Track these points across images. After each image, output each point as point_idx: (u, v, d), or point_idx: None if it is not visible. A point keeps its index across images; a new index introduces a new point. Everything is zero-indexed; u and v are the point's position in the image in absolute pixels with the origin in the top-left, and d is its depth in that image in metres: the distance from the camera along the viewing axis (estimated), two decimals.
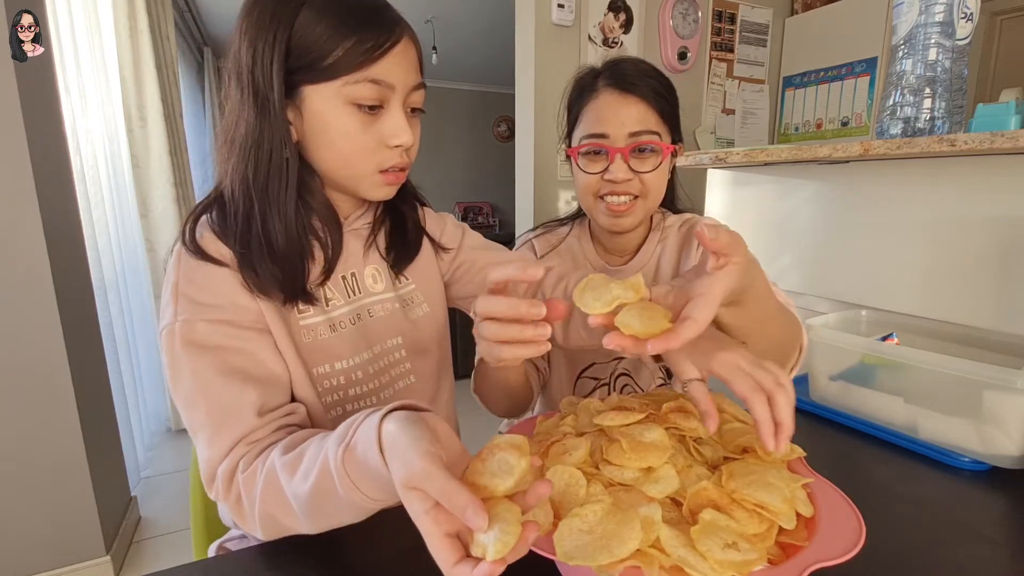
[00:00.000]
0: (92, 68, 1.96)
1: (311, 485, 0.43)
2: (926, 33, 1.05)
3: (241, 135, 0.55)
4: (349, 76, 0.53)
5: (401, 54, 0.55)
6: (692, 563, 0.34)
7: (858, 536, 0.38)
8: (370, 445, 0.39)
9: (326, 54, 0.52)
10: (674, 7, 2.20)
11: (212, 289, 0.54)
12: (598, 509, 0.38)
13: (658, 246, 0.86)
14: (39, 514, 1.41)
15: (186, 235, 0.56)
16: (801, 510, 0.40)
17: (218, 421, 0.51)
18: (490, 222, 6.10)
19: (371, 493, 0.41)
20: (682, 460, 0.45)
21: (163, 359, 0.54)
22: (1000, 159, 1.03)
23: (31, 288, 1.32)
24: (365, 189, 0.60)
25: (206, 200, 0.60)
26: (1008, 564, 0.50)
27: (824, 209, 1.37)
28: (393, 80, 0.55)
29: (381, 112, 0.56)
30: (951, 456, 0.68)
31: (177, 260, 0.56)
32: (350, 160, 0.57)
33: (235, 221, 0.56)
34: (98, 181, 1.91)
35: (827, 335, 0.84)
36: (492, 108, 6.00)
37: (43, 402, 1.37)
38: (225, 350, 0.53)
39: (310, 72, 0.53)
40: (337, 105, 0.54)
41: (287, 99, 0.55)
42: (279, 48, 0.52)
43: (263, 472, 0.48)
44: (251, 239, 0.55)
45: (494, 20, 3.68)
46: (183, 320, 0.53)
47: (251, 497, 0.49)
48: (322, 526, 0.47)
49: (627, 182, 0.74)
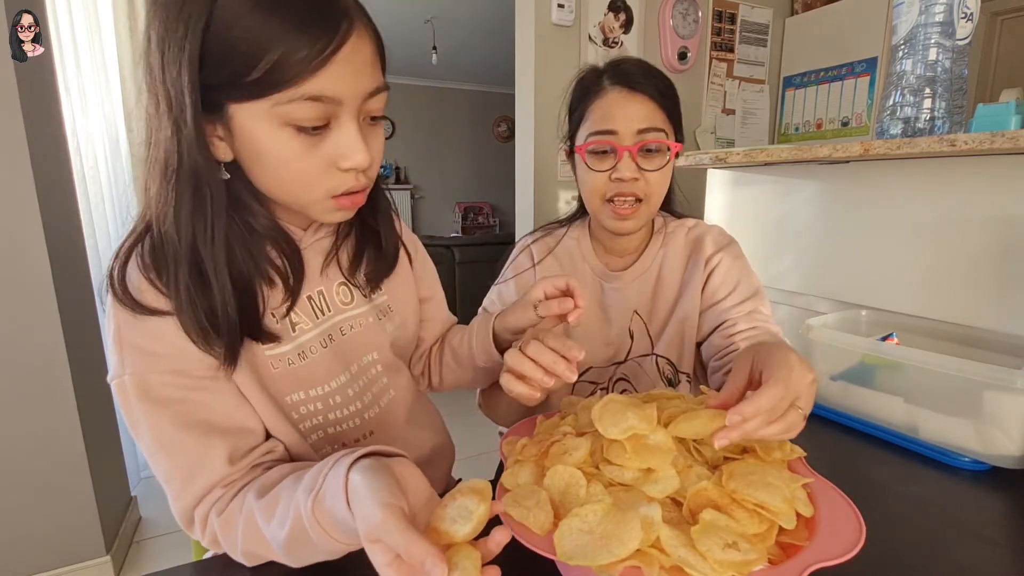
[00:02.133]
0: (92, 68, 1.96)
1: (287, 532, 0.42)
2: (926, 33, 1.05)
3: (159, 157, 0.45)
4: (279, 95, 0.42)
5: (348, 59, 0.44)
6: (692, 563, 0.34)
7: (858, 536, 0.38)
8: (337, 496, 0.38)
9: (249, 67, 0.41)
10: (674, 7, 2.20)
11: (158, 337, 0.47)
12: (598, 509, 0.38)
13: (660, 251, 0.85)
14: (39, 514, 1.41)
15: (115, 283, 0.47)
16: (801, 510, 0.40)
17: (186, 474, 0.48)
18: (490, 222, 6.10)
19: (344, 540, 0.40)
20: (682, 460, 0.45)
21: (120, 409, 0.49)
22: (1000, 159, 1.03)
23: (31, 288, 1.32)
24: (317, 214, 0.52)
25: (133, 234, 0.50)
26: (1008, 564, 0.50)
27: (824, 209, 1.37)
28: (339, 92, 0.44)
29: (327, 131, 0.46)
30: (951, 456, 0.68)
31: (113, 307, 0.48)
32: (292, 187, 0.48)
33: (167, 260, 0.47)
34: (98, 181, 1.91)
35: (827, 335, 0.84)
36: (492, 108, 6.00)
37: (43, 402, 1.37)
38: (183, 403, 0.48)
39: (232, 89, 0.43)
40: (270, 127, 0.44)
41: (211, 114, 0.45)
42: (190, 55, 0.41)
43: (242, 514, 0.47)
44: (181, 284, 0.46)
45: (494, 20, 3.69)
46: (131, 373, 0.47)
47: (231, 538, 0.47)
48: (303, 563, 0.47)
49: (633, 182, 0.74)
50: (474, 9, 3.55)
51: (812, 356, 0.87)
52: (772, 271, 1.49)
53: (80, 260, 1.57)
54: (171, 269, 0.47)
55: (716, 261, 0.81)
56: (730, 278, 0.80)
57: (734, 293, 0.79)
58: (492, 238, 4.18)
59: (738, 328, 0.75)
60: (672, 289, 0.83)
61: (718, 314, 0.78)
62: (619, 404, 0.47)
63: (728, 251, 0.82)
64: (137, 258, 0.49)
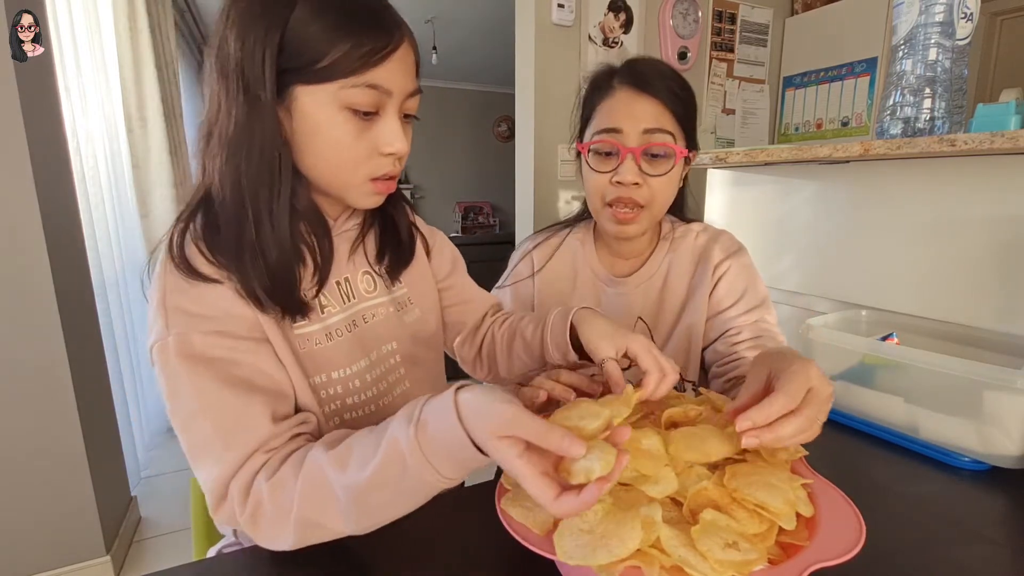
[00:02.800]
0: (92, 68, 1.96)
1: (371, 472, 0.42)
2: (926, 33, 1.05)
3: (229, 133, 0.51)
4: (346, 80, 0.50)
5: (401, 59, 0.53)
6: (692, 563, 0.34)
7: (858, 536, 0.38)
8: (446, 415, 0.40)
9: (322, 55, 0.49)
10: (674, 7, 2.20)
11: (204, 300, 0.51)
12: (598, 509, 0.38)
13: (667, 257, 0.83)
14: (39, 514, 1.41)
15: (174, 249, 0.52)
16: (801, 510, 0.40)
17: (228, 434, 0.48)
18: (490, 222, 6.10)
19: (443, 468, 0.41)
20: (682, 462, 0.45)
21: (158, 376, 0.50)
22: (1000, 159, 1.03)
23: (31, 288, 1.32)
24: (354, 197, 0.58)
25: (191, 205, 0.55)
26: (1008, 564, 0.50)
27: (824, 209, 1.37)
28: (391, 86, 0.52)
29: (376, 118, 0.53)
30: (951, 456, 0.68)
31: (163, 271, 0.51)
32: (340, 167, 0.55)
33: (226, 229, 0.52)
34: (98, 181, 1.91)
35: (827, 335, 0.84)
36: (492, 108, 6.00)
37: (43, 402, 1.37)
38: (226, 362, 0.50)
39: (304, 73, 0.50)
40: (331, 109, 0.51)
41: (279, 97, 0.51)
42: (271, 43, 0.49)
43: (302, 473, 0.46)
44: (244, 250, 0.51)
45: (494, 20, 3.69)
46: (176, 333, 0.49)
47: (283, 503, 0.46)
48: (366, 523, 0.46)
49: (635, 187, 0.72)
50: (474, 9, 3.55)
51: (812, 356, 0.86)
52: (772, 271, 1.49)
53: (80, 260, 1.57)
54: (232, 233, 0.51)
55: (724, 269, 0.79)
56: (737, 286, 0.78)
57: (741, 302, 0.78)
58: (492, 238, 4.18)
59: (743, 337, 0.75)
60: (679, 296, 0.82)
61: (723, 322, 0.77)
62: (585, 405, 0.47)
63: (737, 258, 0.80)
64: (192, 230, 0.53)
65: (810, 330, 0.86)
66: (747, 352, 0.73)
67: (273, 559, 0.50)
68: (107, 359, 1.68)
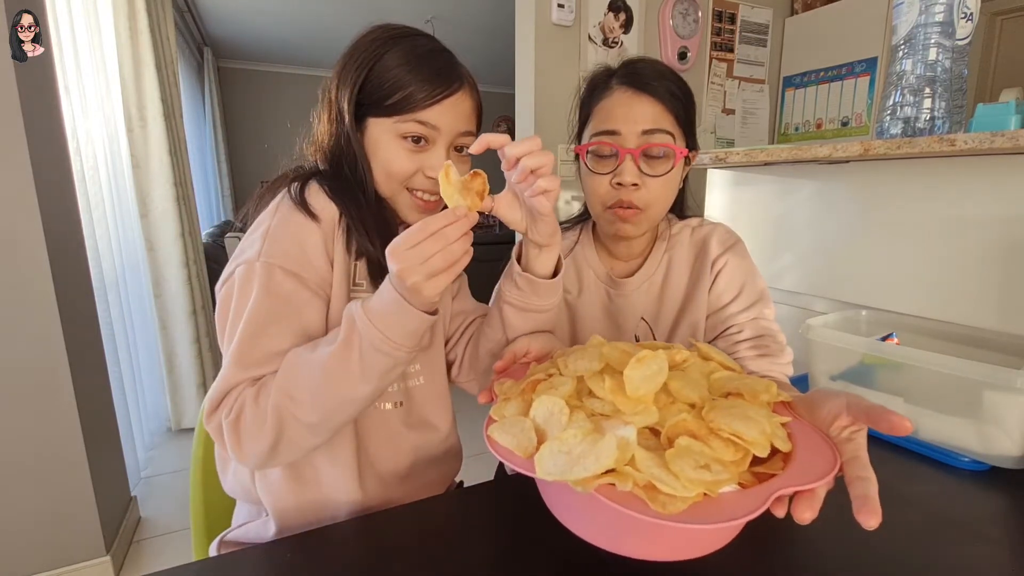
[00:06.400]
0: (92, 68, 1.96)
1: (333, 345, 0.54)
2: (926, 33, 1.05)
3: (322, 140, 0.68)
4: (402, 116, 0.63)
5: (453, 105, 0.64)
6: (664, 479, 0.35)
7: (832, 466, 0.38)
8: (386, 286, 0.54)
9: (390, 95, 0.62)
10: (674, 7, 2.20)
11: (300, 241, 0.61)
12: (578, 433, 0.39)
13: (665, 255, 0.83)
14: (39, 514, 1.41)
15: (292, 190, 0.63)
16: (778, 444, 0.40)
17: (248, 356, 0.57)
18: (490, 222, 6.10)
19: (390, 332, 0.52)
20: (664, 397, 0.45)
21: (229, 284, 0.60)
22: (1000, 159, 1.03)
23: (31, 288, 1.32)
24: (401, 207, 0.68)
25: (305, 170, 0.68)
26: (1008, 564, 0.50)
27: (824, 209, 1.37)
28: (439, 124, 0.63)
29: (427, 147, 0.65)
30: (951, 456, 0.68)
31: (276, 207, 0.63)
32: (390, 178, 0.66)
33: (341, 188, 0.65)
34: (98, 181, 1.91)
35: (827, 335, 0.84)
36: (492, 108, 6.00)
37: (43, 402, 1.37)
38: (286, 302, 0.59)
39: (375, 108, 0.64)
40: (389, 136, 0.64)
41: (358, 125, 0.65)
42: (355, 84, 0.63)
43: (280, 369, 0.56)
44: (358, 203, 0.64)
45: (494, 20, 3.69)
46: (265, 262, 0.58)
47: (262, 399, 0.55)
48: (330, 404, 0.54)
49: (634, 189, 0.72)
50: (474, 9, 3.55)
51: (812, 356, 0.87)
52: (772, 271, 1.49)
53: (80, 260, 1.57)
54: (348, 187, 0.66)
55: (722, 263, 0.79)
56: (735, 281, 0.78)
57: (740, 297, 0.77)
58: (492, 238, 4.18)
59: (744, 336, 0.74)
60: (678, 293, 0.81)
61: (723, 319, 0.77)
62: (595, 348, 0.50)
63: (734, 251, 0.80)
64: (317, 181, 0.66)
65: (810, 330, 0.86)
66: (748, 352, 0.73)
67: (270, 560, 0.50)
68: (107, 359, 1.68)
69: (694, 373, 0.49)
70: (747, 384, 0.47)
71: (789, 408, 0.48)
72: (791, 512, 0.37)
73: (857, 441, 0.42)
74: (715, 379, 0.50)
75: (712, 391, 0.48)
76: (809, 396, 0.48)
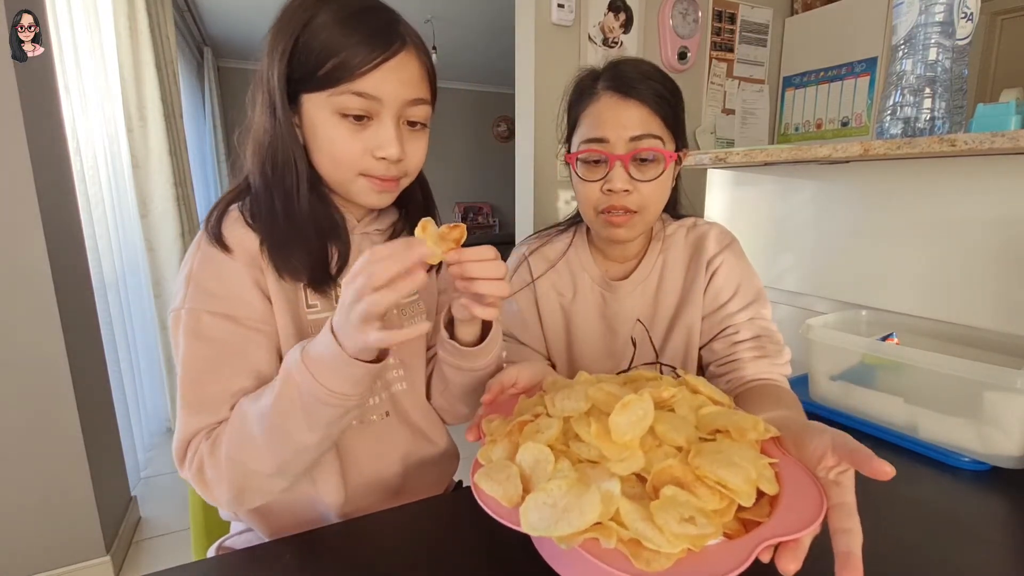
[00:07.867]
0: (92, 68, 1.96)
1: (274, 397, 0.50)
2: (926, 33, 1.05)
3: (259, 136, 0.58)
4: (335, 88, 0.55)
5: (395, 69, 0.55)
6: (648, 535, 0.35)
7: (818, 513, 0.38)
8: (324, 333, 0.48)
9: (320, 65, 0.54)
10: (674, 7, 2.20)
11: (224, 280, 0.56)
12: (563, 484, 0.39)
13: (660, 257, 0.82)
14: (39, 514, 1.41)
15: (211, 221, 0.58)
16: (765, 488, 0.40)
17: (200, 404, 0.55)
18: (490, 222, 6.10)
19: (327, 380, 0.48)
20: (651, 440, 0.45)
21: (170, 335, 0.58)
22: (1000, 159, 1.03)
23: (31, 288, 1.32)
24: (356, 194, 0.61)
25: (234, 189, 0.62)
26: (1008, 564, 0.50)
27: (824, 209, 1.37)
28: (380, 94, 0.55)
29: (370, 123, 0.57)
30: (951, 456, 0.68)
31: (197, 246, 0.58)
32: (336, 165, 0.59)
33: (262, 209, 0.59)
34: (98, 181, 1.91)
35: (827, 335, 0.84)
36: (492, 108, 6.00)
37: (43, 402, 1.37)
38: (223, 345, 0.56)
39: (307, 82, 0.56)
40: (326, 114, 0.56)
41: (293, 105, 0.57)
42: (283, 58, 0.55)
43: (230, 420, 0.54)
44: (276, 224, 0.58)
45: (494, 20, 3.69)
46: (189, 308, 0.55)
47: (216, 451, 0.53)
48: (284, 455, 0.52)
49: (625, 194, 0.72)
50: (474, 9, 3.55)
51: (812, 356, 0.87)
52: (772, 271, 1.49)
53: (80, 260, 1.57)
54: (267, 207, 0.58)
55: (718, 263, 0.79)
56: (732, 281, 0.78)
57: (736, 297, 0.77)
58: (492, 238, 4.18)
59: (742, 337, 0.74)
60: (674, 295, 0.81)
61: (720, 320, 0.77)
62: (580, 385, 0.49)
63: (730, 251, 0.80)
64: (239, 206, 0.60)
65: (810, 330, 0.86)
66: (746, 353, 0.73)
67: (270, 560, 0.50)
68: (107, 359, 1.68)
69: (682, 409, 0.49)
70: (735, 421, 0.46)
71: (777, 444, 0.48)
72: (774, 561, 0.37)
73: (844, 485, 0.41)
74: (703, 415, 0.49)
75: (700, 427, 0.47)
76: (796, 431, 0.47)
